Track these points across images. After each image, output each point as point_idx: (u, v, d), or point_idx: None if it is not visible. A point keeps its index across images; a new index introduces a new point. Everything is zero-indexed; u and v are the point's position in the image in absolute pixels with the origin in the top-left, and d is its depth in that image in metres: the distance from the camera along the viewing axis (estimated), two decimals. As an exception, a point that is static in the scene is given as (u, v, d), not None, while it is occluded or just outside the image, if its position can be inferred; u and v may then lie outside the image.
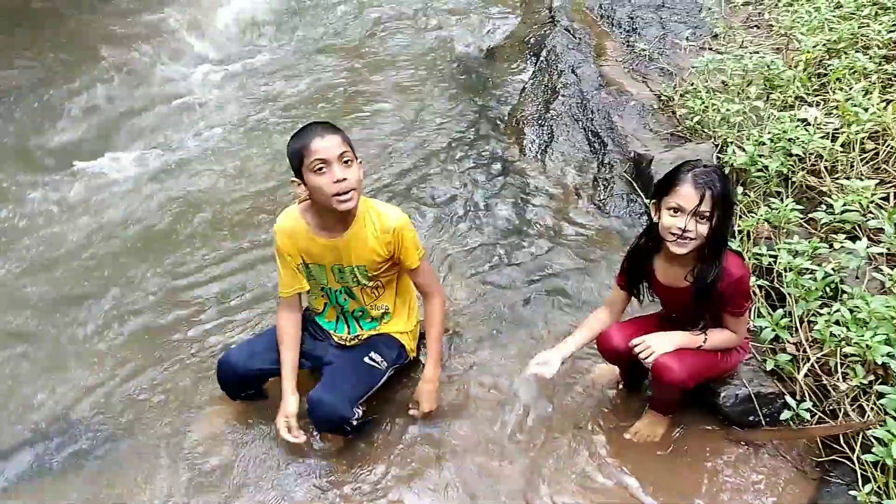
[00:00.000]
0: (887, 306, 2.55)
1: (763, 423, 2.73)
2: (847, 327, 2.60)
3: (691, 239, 2.34)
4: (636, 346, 2.56)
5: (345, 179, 2.42)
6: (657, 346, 2.53)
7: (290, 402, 2.69)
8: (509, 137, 4.70)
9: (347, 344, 2.86)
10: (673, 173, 2.39)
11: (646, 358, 2.54)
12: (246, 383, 2.83)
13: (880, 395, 2.42)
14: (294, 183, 2.53)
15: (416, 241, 2.70)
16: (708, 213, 2.30)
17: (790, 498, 2.55)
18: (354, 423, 2.66)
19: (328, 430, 2.73)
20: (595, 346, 2.79)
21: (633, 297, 2.80)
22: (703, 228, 2.32)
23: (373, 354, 2.78)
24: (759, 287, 3.08)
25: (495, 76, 5.51)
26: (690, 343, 2.56)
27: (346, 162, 2.44)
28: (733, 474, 2.65)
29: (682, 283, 2.52)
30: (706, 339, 2.56)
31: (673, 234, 2.36)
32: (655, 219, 2.46)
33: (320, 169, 2.41)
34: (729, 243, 2.65)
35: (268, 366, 2.79)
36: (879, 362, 2.45)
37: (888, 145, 3.45)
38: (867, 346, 2.47)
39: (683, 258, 2.43)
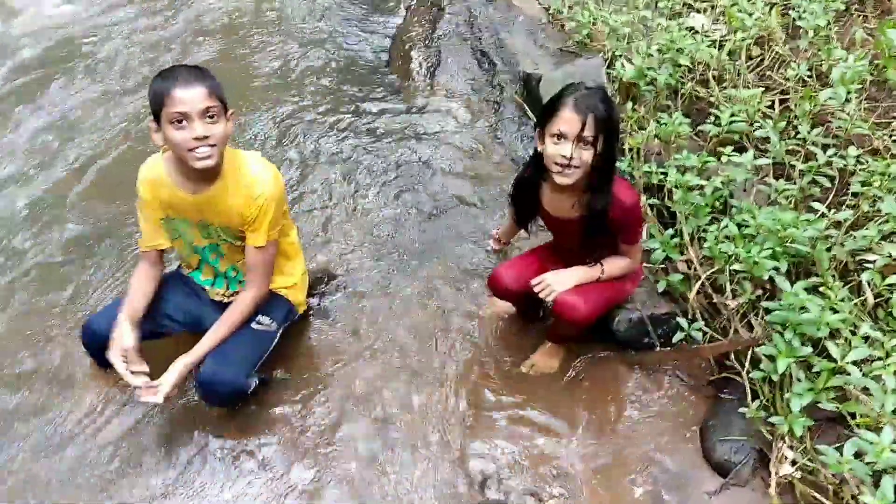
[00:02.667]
0: (774, 219, 2.52)
1: (657, 344, 2.72)
2: (735, 243, 2.57)
3: (576, 167, 2.22)
4: (535, 286, 2.46)
5: (206, 137, 2.16)
6: (557, 284, 2.43)
7: (126, 334, 2.37)
8: (396, 61, 4.43)
9: (226, 301, 2.64)
10: (555, 99, 2.24)
11: (547, 297, 2.44)
12: None
13: (768, 311, 2.41)
14: (151, 129, 2.25)
15: (276, 218, 2.41)
16: (591, 139, 2.17)
17: (685, 417, 2.56)
18: (249, 392, 2.49)
19: (223, 405, 2.54)
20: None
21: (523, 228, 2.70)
22: (588, 155, 2.20)
23: (260, 317, 2.56)
24: (651, 206, 3.02)
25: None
26: (588, 277, 2.48)
27: (210, 117, 2.17)
28: (630, 398, 2.64)
29: (572, 214, 2.41)
30: (603, 270, 2.49)
31: (557, 164, 2.23)
32: (540, 148, 2.31)
33: (179, 122, 2.14)
34: (617, 165, 2.56)
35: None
36: (766, 278, 2.43)
37: (773, 51, 3.40)
38: (754, 262, 2.44)
39: (571, 187, 2.31)
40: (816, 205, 2.58)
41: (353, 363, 2.78)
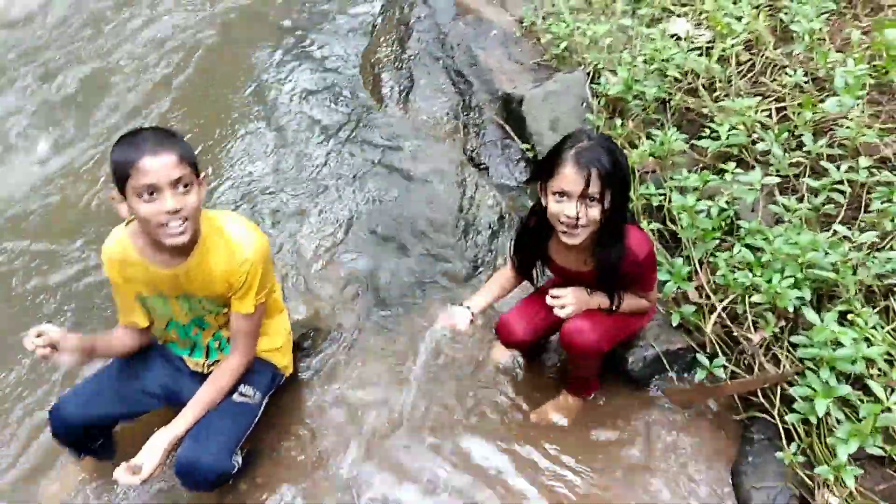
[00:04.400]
0: (790, 243, 2.36)
1: (676, 382, 2.54)
2: (751, 271, 2.40)
3: (583, 227, 2.03)
4: (554, 297, 2.22)
5: (178, 210, 1.91)
6: (576, 303, 2.21)
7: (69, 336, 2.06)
8: (365, 86, 4.20)
9: (205, 372, 2.41)
10: (554, 153, 2.05)
11: (560, 313, 2.22)
12: (87, 434, 2.35)
13: (793, 345, 2.25)
14: (114, 200, 1.97)
15: (263, 281, 2.19)
16: (597, 195, 1.98)
17: (714, 461, 2.39)
18: (235, 472, 2.26)
19: (205, 490, 2.28)
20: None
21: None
22: (595, 211, 2.01)
23: (242, 388, 2.32)
24: (653, 231, 2.84)
25: (340, 14, 4.92)
26: (605, 305, 2.29)
27: (183, 186, 1.93)
28: (652, 441, 2.46)
29: (584, 268, 2.24)
30: (620, 305, 2.30)
31: (563, 224, 2.04)
32: (543, 202, 2.12)
33: (150, 195, 1.89)
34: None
35: (109, 410, 2.31)
36: (790, 309, 2.27)
37: (763, 56, 3.24)
38: (776, 292, 2.27)
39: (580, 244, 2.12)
40: (838, 227, 2.41)
41: (348, 427, 2.57)
